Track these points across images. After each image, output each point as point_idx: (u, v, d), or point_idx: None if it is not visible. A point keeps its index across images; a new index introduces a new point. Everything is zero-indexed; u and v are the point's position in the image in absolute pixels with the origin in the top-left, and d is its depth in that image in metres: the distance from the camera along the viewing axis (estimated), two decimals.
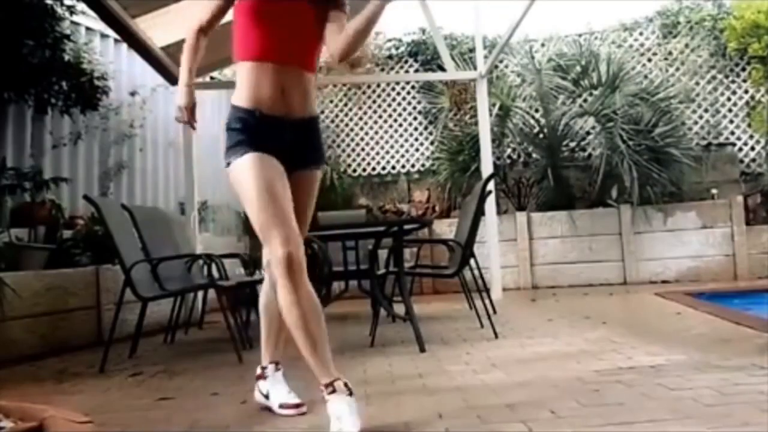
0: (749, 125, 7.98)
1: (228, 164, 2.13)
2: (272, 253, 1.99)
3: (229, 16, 2.24)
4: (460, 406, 2.24)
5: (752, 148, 7.98)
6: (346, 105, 8.96)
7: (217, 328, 4.87)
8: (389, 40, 8.91)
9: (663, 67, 8.22)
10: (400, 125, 8.82)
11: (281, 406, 2.27)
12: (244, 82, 2.11)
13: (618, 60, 7.76)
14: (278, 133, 2.11)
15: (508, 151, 8.14)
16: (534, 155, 7.98)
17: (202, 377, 3.13)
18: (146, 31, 4.80)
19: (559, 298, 6.00)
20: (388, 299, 4.66)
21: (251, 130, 2.09)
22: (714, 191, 7.37)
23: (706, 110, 8.09)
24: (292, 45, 2.12)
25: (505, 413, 2.09)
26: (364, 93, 8.94)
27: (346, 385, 1.97)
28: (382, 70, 8.76)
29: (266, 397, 2.35)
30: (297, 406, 2.25)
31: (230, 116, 2.14)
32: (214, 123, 7.82)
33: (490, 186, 5.01)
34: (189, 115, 2.24)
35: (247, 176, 2.05)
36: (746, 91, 8.04)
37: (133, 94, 6.24)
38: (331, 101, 8.97)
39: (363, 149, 8.88)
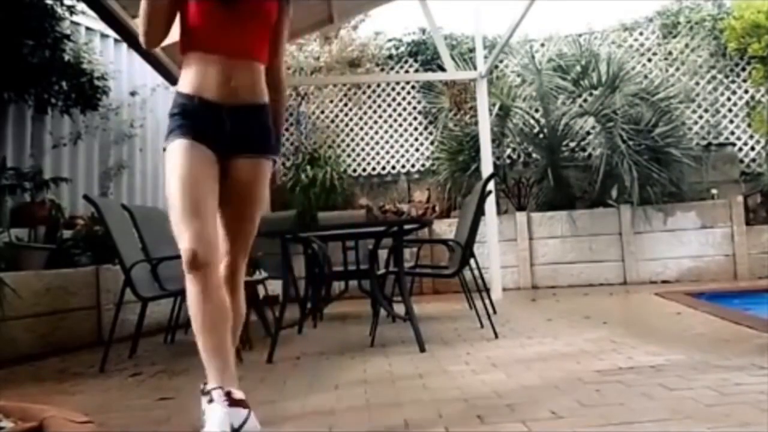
0: (749, 125, 7.98)
1: (164, 149, 2.11)
2: (180, 248, 1.89)
3: None
4: (460, 406, 2.24)
5: (752, 148, 7.98)
6: (346, 105, 8.96)
7: None
8: (389, 40, 8.91)
9: (663, 67, 8.22)
10: (400, 125, 8.82)
11: None
12: (189, 70, 2.07)
13: (618, 60, 7.76)
14: (216, 119, 2.05)
15: (508, 151, 8.14)
16: (534, 155, 7.98)
17: (202, 377, 3.12)
18: None
19: (559, 298, 6.00)
20: (388, 299, 4.66)
21: (188, 116, 2.05)
22: (714, 191, 7.37)
23: (706, 110, 8.09)
24: (242, 37, 2.07)
25: (505, 413, 2.09)
26: (364, 93, 8.93)
27: (228, 394, 1.85)
28: (382, 70, 8.76)
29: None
30: None
31: (172, 103, 2.12)
32: None
33: (490, 186, 5.01)
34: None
35: (172, 164, 2.02)
36: (746, 91, 8.04)
37: (133, 94, 6.25)
38: (331, 101, 8.97)
39: (363, 149, 8.88)
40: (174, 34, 2.12)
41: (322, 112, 9.00)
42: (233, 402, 1.84)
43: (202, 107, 2.04)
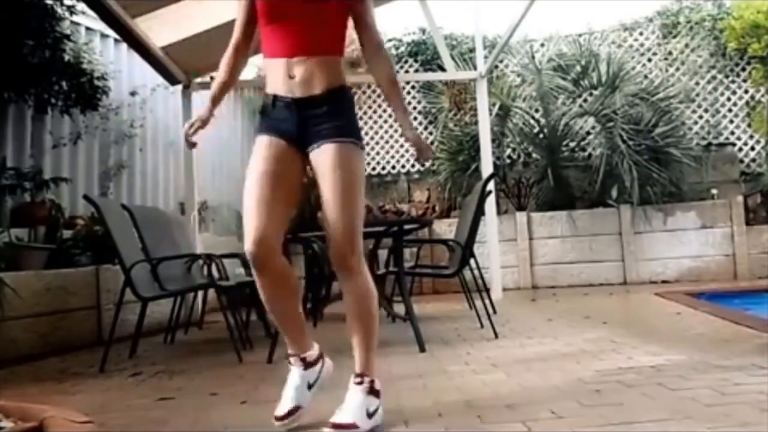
0: (749, 125, 7.98)
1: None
2: (244, 248, 2.04)
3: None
4: (460, 406, 2.24)
5: (752, 148, 7.98)
6: None
7: (217, 328, 4.87)
8: (389, 40, 8.91)
9: (663, 67, 8.23)
10: (401, 125, 8.80)
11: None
12: (266, 72, 2.21)
13: (618, 60, 7.76)
14: (288, 113, 2.13)
15: (508, 151, 8.14)
16: (534, 155, 7.98)
17: (202, 377, 3.13)
18: (146, 31, 4.80)
19: (559, 298, 6.00)
20: (388, 299, 4.66)
21: (268, 114, 2.18)
22: (714, 191, 7.37)
23: (706, 110, 8.10)
24: (303, 37, 2.13)
25: (505, 413, 2.09)
26: (364, 93, 8.93)
27: (303, 360, 2.23)
28: None
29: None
30: (280, 418, 2.12)
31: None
32: (213, 122, 7.83)
33: (490, 186, 5.01)
34: (194, 129, 2.25)
35: (252, 160, 2.14)
36: (746, 91, 8.04)
37: (133, 94, 6.24)
38: None
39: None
40: (177, 33, 2.17)
41: None
42: (307, 365, 2.24)
43: (277, 104, 2.14)
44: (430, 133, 8.67)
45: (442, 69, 7.19)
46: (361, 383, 2.15)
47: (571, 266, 7.13)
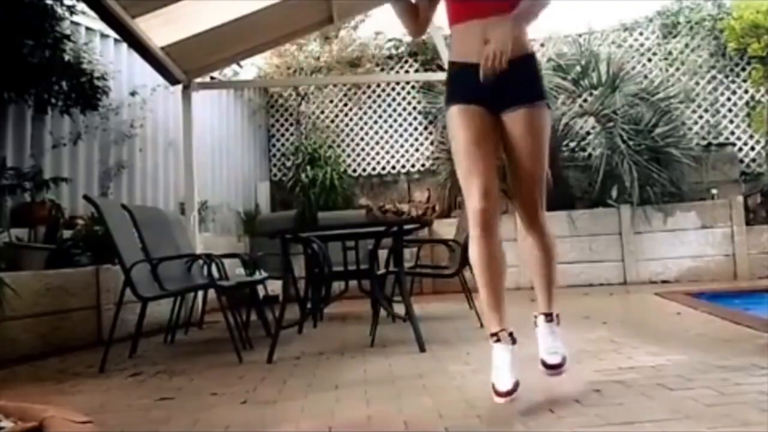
0: (749, 125, 7.98)
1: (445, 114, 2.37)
2: (468, 206, 2.18)
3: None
4: (460, 406, 2.24)
5: (752, 148, 7.98)
6: (346, 105, 8.96)
7: (217, 328, 4.87)
8: (389, 40, 8.91)
9: (663, 67, 8.22)
10: (400, 125, 8.82)
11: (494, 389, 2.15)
12: (454, 41, 2.32)
13: (618, 60, 7.76)
14: (476, 76, 2.16)
15: None
16: None
17: (202, 377, 3.13)
18: (146, 31, 4.80)
19: (559, 298, 5.99)
20: (388, 299, 4.66)
21: (456, 82, 2.29)
22: (714, 191, 7.37)
23: (706, 110, 8.10)
24: (488, 2, 2.22)
25: (505, 413, 2.09)
26: (364, 93, 8.93)
27: (511, 335, 2.22)
28: (382, 70, 8.77)
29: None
30: (506, 393, 2.08)
31: (447, 71, 2.39)
32: (213, 122, 7.84)
33: None
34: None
35: (453, 130, 2.26)
36: (746, 91, 8.04)
37: (133, 94, 6.24)
38: (331, 101, 8.98)
39: (363, 149, 8.88)
40: (177, 33, 2.17)
41: (322, 112, 9.00)
42: (515, 340, 2.26)
43: (467, 71, 2.20)
44: (430, 133, 8.67)
45: (442, 69, 7.19)
46: (551, 320, 2.47)
47: (571, 266, 7.13)
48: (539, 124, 2.24)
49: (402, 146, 8.77)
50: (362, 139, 8.89)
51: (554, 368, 2.26)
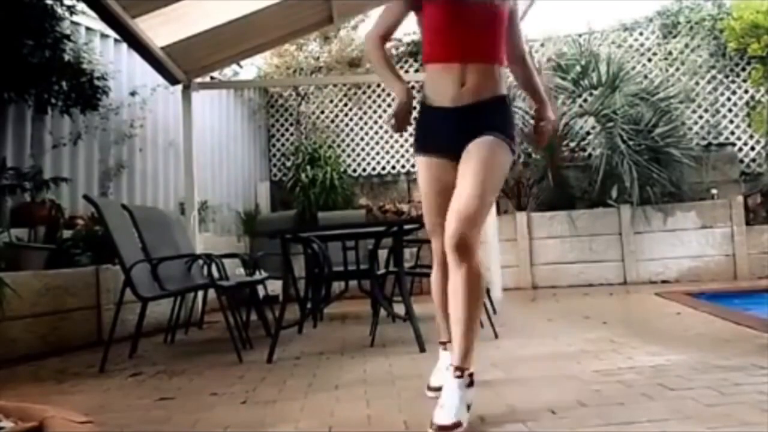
0: (749, 125, 7.98)
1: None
2: (433, 245, 2.31)
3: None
4: None
5: (752, 148, 7.98)
6: (346, 105, 8.96)
7: (217, 328, 4.88)
8: (389, 41, 8.91)
9: (663, 67, 8.22)
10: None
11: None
12: (429, 81, 2.35)
13: (618, 60, 7.76)
14: (453, 121, 2.22)
15: None
16: (534, 155, 7.98)
17: (202, 377, 3.13)
18: (146, 31, 4.79)
19: (559, 298, 6.00)
20: (388, 299, 4.66)
21: (426, 129, 2.32)
22: (714, 191, 7.37)
23: (706, 110, 8.09)
24: (475, 42, 2.23)
25: (505, 413, 2.09)
26: (364, 93, 8.93)
27: (470, 376, 2.08)
28: None
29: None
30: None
31: (417, 112, 2.37)
32: (213, 122, 7.84)
33: None
34: (404, 115, 2.27)
35: (420, 178, 2.37)
36: (746, 91, 8.04)
37: (133, 94, 6.24)
38: (331, 101, 8.97)
39: (363, 149, 8.88)
40: (177, 33, 2.17)
41: (322, 112, 9.00)
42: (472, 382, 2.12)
43: (438, 115, 2.25)
44: None
45: None
46: (461, 377, 2.02)
47: (571, 266, 7.13)
48: (498, 155, 2.16)
49: (402, 146, 8.77)
50: (362, 139, 8.89)
51: (441, 429, 1.87)
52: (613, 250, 7.09)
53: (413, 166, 8.66)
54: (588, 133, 7.82)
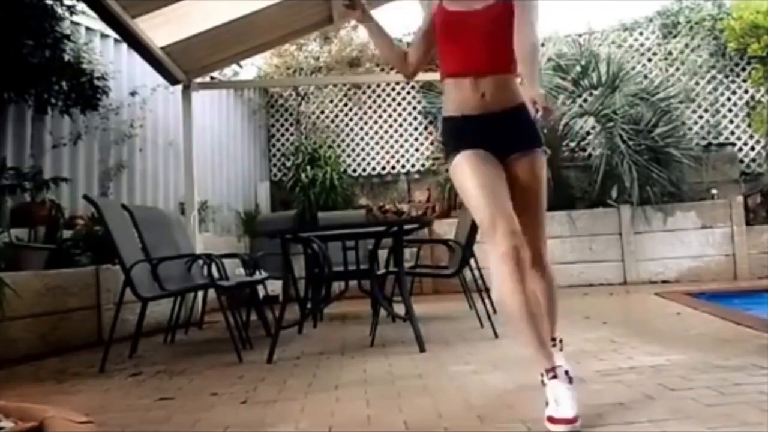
0: (749, 125, 7.98)
1: (446, 170, 2.41)
2: (498, 249, 2.14)
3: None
4: (460, 406, 2.24)
5: (752, 148, 7.98)
6: (346, 105, 8.96)
7: (217, 328, 4.88)
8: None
9: (663, 67, 8.22)
10: (400, 125, 8.81)
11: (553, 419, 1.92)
12: (449, 95, 2.36)
13: (618, 60, 7.76)
14: (482, 128, 2.24)
15: None
16: None
17: (202, 377, 3.13)
18: (146, 31, 4.80)
19: (559, 297, 5.99)
20: (388, 299, 4.66)
21: (458, 134, 2.30)
22: (714, 191, 7.37)
23: (706, 110, 8.09)
24: (480, 55, 2.26)
25: (505, 413, 2.10)
26: (364, 93, 8.93)
27: (566, 373, 2.05)
28: (382, 70, 8.75)
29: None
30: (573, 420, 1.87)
31: (442, 129, 2.42)
32: (213, 122, 7.83)
33: None
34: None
35: (462, 176, 2.22)
36: (746, 91, 8.04)
37: (133, 94, 6.24)
38: (331, 101, 8.97)
39: (363, 149, 8.88)
40: (177, 33, 2.16)
41: (322, 112, 9.00)
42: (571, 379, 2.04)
43: (467, 124, 2.27)
44: (430, 133, 8.66)
45: None
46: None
47: (571, 266, 7.13)
48: (540, 170, 2.29)
49: (402, 146, 8.77)
50: (362, 139, 8.88)
51: (566, 422, 1.88)
52: (613, 250, 7.09)
53: (413, 166, 8.68)
54: (588, 133, 7.82)
